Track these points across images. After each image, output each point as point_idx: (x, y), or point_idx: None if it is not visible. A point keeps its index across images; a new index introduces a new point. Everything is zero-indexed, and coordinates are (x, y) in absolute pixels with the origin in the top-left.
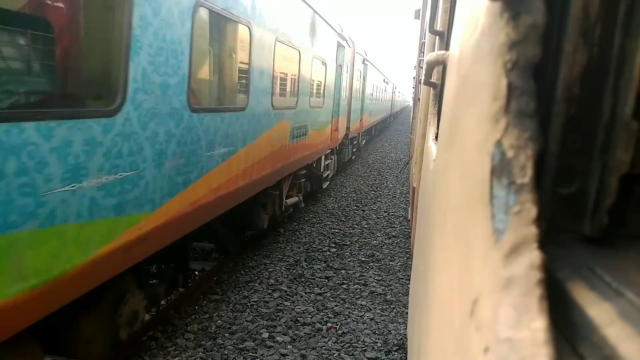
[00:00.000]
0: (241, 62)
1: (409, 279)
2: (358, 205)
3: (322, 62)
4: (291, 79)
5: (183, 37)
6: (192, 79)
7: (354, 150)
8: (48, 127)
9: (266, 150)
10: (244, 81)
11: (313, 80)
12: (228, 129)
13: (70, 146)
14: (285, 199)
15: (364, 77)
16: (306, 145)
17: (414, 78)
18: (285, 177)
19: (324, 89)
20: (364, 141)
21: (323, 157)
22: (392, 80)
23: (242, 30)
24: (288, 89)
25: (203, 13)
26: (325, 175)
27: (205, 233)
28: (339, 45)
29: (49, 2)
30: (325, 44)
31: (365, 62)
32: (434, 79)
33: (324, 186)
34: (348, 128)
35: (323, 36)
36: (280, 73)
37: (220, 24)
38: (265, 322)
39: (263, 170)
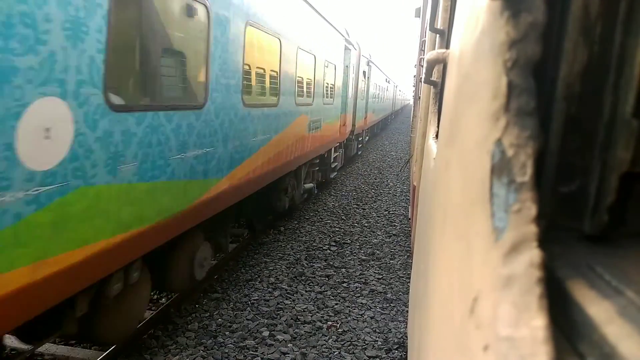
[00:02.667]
0: (272, 70)
1: (409, 278)
2: (358, 203)
3: (332, 65)
4: (307, 80)
5: (238, 48)
6: (244, 81)
7: (359, 146)
8: (169, 115)
9: (290, 139)
10: (275, 82)
11: (325, 81)
12: (266, 121)
13: (180, 128)
14: (303, 184)
15: (368, 77)
16: (320, 136)
17: (414, 76)
18: (303, 164)
19: (334, 88)
20: (367, 138)
21: (332, 149)
22: (394, 80)
23: (274, 43)
24: (306, 88)
25: (250, 30)
26: (333, 166)
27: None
28: (346, 49)
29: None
30: (334, 49)
31: (370, 63)
32: (434, 77)
33: (332, 176)
34: (353, 125)
35: (333, 42)
36: (301, 75)
37: (260, 37)
38: (265, 321)
39: (288, 155)
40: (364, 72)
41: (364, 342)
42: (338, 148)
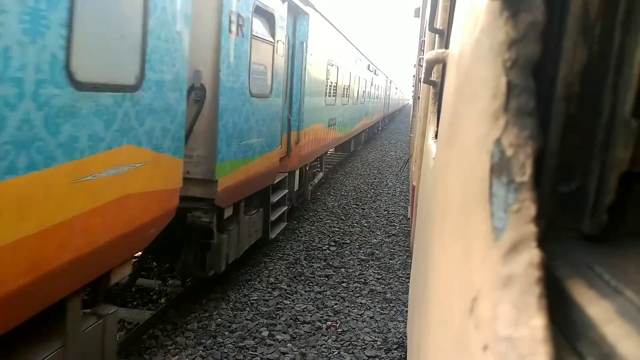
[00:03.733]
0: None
1: (409, 277)
2: (358, 203)
3: (381, 87)
4: (379, 94)
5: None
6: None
7: (386, 121)
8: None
9: (379, 112)
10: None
11: (382, 95)
12: (379, 104)
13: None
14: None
15: (389, 89)
16: (379, 114)
17: (413, 76)
18: (378, 121)
19: (383, 97)
20: (387, 120)
21: (379, 121)
22: (400, 86)
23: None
24: (380, 96)
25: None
26: (379, 128)
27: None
28: (386, 80)
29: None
30: (383, 81)
31: (391, 82)
32: (433, 77)
33: (379, 132)
34: (384, 113)
35: (383, 79)
36: (379, 93)
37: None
38: (265, 321)
39: (379, 116)
40: (388, 87)
41: (364, 342)
42: (380, 122)
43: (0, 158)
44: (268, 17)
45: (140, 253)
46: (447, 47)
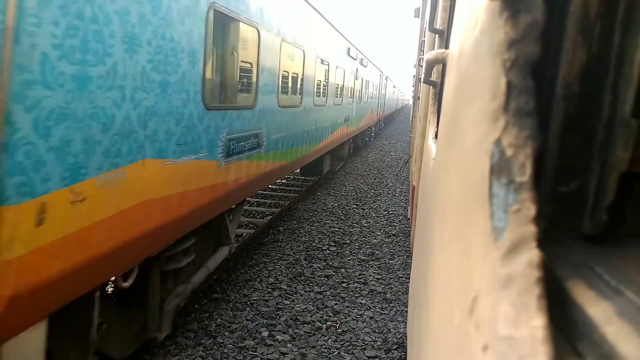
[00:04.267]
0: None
1: (409, 278)
2: (358, 203)
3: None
4: (371, 92)
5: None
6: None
7: (381, 125)
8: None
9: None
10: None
11: (375, 93)
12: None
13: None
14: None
15: (385, 87)
16: (372, 117)
17: (413, 76)
18: (368, 127)
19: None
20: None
21: (372, 125)
22: (399, 85)
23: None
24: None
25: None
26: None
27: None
28: (380, 76)
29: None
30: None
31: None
32: (433, 77)
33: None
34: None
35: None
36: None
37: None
38: (265, 321)
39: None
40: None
41: (364, 342)
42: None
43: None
44: None
45: None
46: (446, 47)
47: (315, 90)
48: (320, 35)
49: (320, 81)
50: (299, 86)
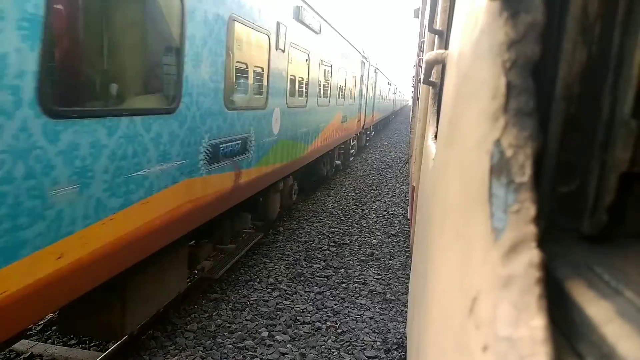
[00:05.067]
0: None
1: (409, 278)
2: (357, 204)
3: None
4: (340, 86)
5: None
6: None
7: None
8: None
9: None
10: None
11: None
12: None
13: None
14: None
15: (374, 82)
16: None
17: (413, 77)
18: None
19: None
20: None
21: (351, 138)
22: (394, 82)
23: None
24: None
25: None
26: (352, 152)
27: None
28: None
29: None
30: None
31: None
32: (433, 78)
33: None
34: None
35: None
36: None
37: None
38: (264, 321)
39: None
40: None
41: (363, 343)
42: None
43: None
44: None
45: None
46: (446, 47)
47: (385, 98)
48: (384, 82)
49: (385, 94)
50: (385, 96)
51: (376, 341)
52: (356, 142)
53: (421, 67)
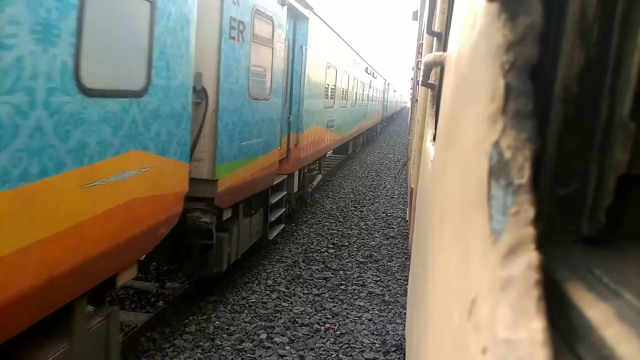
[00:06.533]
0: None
1: (407, 280)
2: (356, 206)
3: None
4: (379, 97)
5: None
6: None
7: (383, 125)
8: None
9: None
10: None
11: (380, 97)
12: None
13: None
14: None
15: (387, 92)
16: (378, 115)
17: (411, 79)
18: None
19: (380, 100)
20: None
21: (378, 123)
22: (399, 89)
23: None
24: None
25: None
26: (378, 130)
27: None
28: (385, 82)
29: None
30: (381, 83)
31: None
32: (431, 80)
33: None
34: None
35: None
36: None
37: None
38: (263, 323)
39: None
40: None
41: (362, 345)
42: (377, 125)
43: None
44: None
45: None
46: (445, 49)
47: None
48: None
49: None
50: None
51: (375, 343)
52: (379, 128)
53: (420, 69)
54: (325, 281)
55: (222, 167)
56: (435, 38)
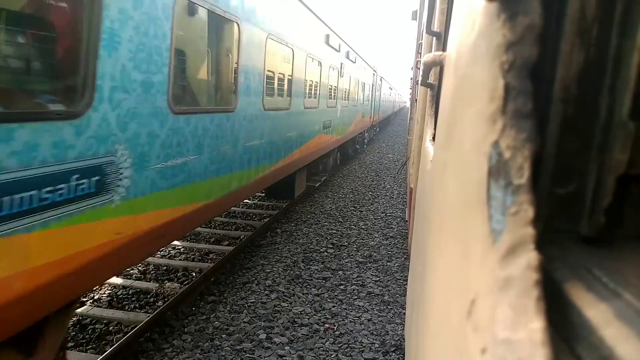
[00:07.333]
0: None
1: (407, 280)
2: (355, 206)
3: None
4: (364, 94)
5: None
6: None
7: (374, 132)
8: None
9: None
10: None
11: (367, 93)
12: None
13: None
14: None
15: (380, 87)
16: (362, 121)
17: (411, 79)
18: (357, 135)
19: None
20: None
21: (365, 130)
22: (395, 86)
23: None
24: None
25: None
26: (365, 141)
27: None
28: (373, 74)
29: None
30: (367, 74)
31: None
32: (431, 79)
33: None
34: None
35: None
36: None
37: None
38: (262, 323)
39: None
40: (378, 84)
41: (361, 345)
42: (366, 132)
43: None
44: None
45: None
46: (444, 49)
47: (387, 100)
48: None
49: (387, 97)
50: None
51: (374, 343)
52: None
53: (419, 69)
54: (324, 281)
55: None
56: (434, 38)
